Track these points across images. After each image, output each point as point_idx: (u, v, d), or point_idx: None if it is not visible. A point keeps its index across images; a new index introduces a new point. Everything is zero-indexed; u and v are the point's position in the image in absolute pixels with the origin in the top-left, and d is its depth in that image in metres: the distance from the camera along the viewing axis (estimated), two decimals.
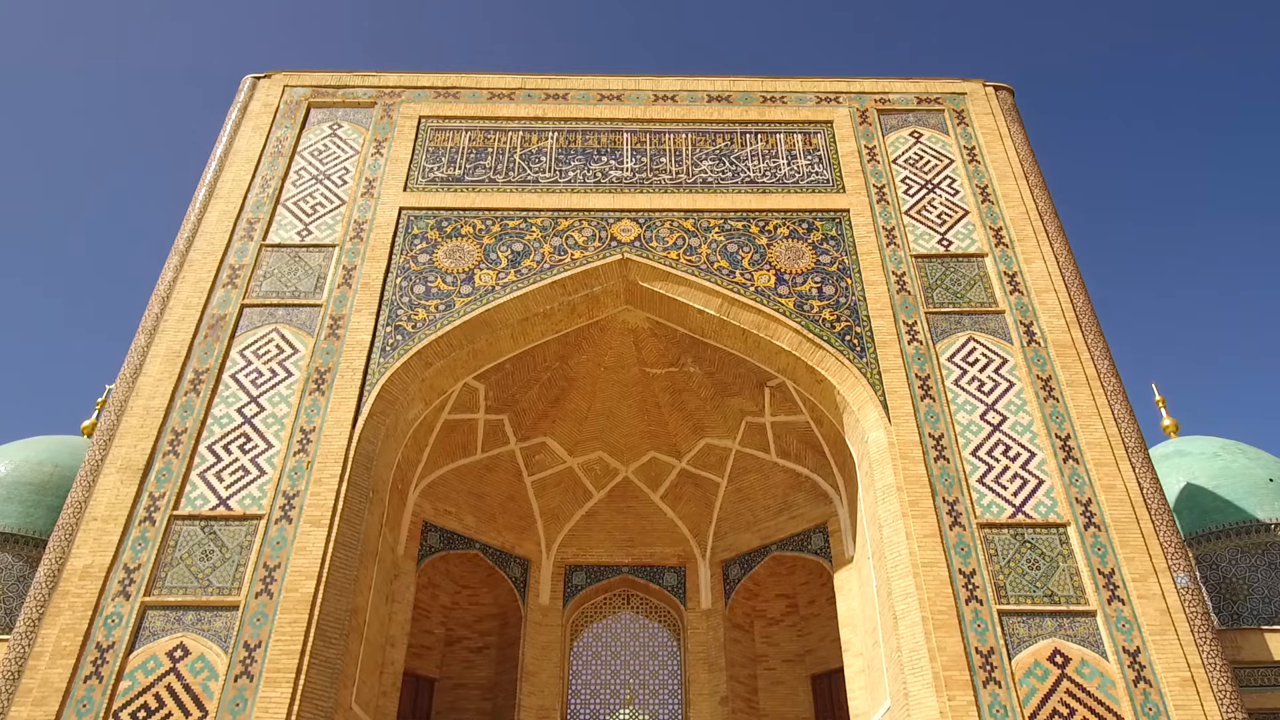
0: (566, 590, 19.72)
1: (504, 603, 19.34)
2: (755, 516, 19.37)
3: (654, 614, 20.04)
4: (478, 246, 17.89)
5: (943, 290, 17.42)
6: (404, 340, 16.59)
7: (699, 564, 19.95)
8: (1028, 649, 13.40)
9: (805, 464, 18.59)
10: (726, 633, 18.85)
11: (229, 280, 17.37)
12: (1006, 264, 17.72)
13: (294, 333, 16.70)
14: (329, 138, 19.89)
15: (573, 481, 20.26)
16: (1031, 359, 16.39)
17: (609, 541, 20.21)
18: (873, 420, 15.79)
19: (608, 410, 19.91)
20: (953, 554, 14.21)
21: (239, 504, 14.59)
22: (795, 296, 17.24)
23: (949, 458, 15.26)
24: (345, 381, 15.94)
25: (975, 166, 19.42)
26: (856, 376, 16.21)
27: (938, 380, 16.16)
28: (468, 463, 18.92)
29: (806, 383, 17.12)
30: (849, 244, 18.04)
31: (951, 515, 14.62)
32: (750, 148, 19.70)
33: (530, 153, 19.54)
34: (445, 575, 19.09)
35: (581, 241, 17.96)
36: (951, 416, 15.74)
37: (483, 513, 19.12)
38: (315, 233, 18.19)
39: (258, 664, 13.02)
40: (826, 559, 17.93)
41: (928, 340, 16.64)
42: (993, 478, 15.06)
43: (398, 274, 17.50)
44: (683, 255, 17.79)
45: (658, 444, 20.22)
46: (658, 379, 19.49)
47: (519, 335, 17.59)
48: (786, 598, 19.53)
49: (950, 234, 18.30)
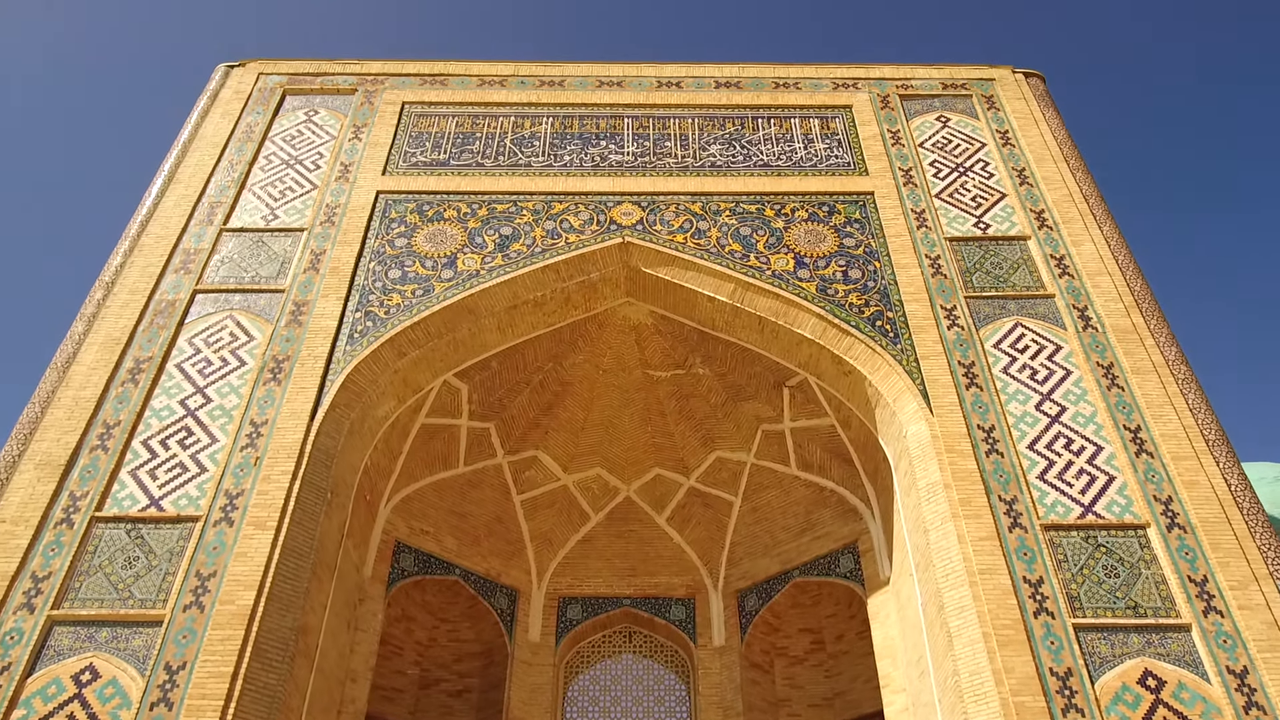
0: (560, 625, 17.32)
1: (488, 639, 16.94)
2: (774, 539, 17.09)
3: (660, 654, 17.60)
4: (461, 230, 16.08)
5: (983, 274, 15.51)
6: (375, 327, 14.64)
7: (710, 595, 17.58)
8: (1112, 670, 11.09)
9: (830, 476, 16.42)
10: (743, 673, 16.40)
11: (182, 266, 15.52)
12: (1052, 247, 15.85)
13: (251, 320, 14.77)
14: (304, 124, 18.28)
15: (567, 502, 18.05)
16: (1089, 345, 14.39)
17: (608, 570, 17.89)
18: (911, 412, 13.72)
19: (607, 420, 17.82)
20: (1014, 560, 12.00)
21: (173, 504, 12.46)
22: (817, 281, 15.33)
23: (1002, 451, 13.14)
24: (305, 370, 13.94)
25: (1010, 150, 17.71)
26: (890, 364, 14.19)
27: (984, 368, 14.14)
28: (449, 476, 16.76)
29: (832, 377, 15.08)
30: (875, 227, 16.22)
31: (1010, 516, 12.45)
32: (763, 132, 18.05)
33: (522, 137, 17.89)
34: (421, 606, 16.74)
35: (578, 225, 16.15)
36: (1002, 407, 13.67)
37: (465, 534, 16.87)
38: (282, 217, 16.41)
39: (179, 689, 10.74)
40: (858, 583, 15.60)
41: (970, 326, 14.67)
42: (1055, 474, 12.93)
43: (371, 258, 15.65)
44: (690, 239, 15.94)
45: (663, 459, 18.07)
46: (662, 383, 17.46)
47: (506, 327, 15.64)
48: (811, 633, 17.10)
49: (987, 217, 16.48)
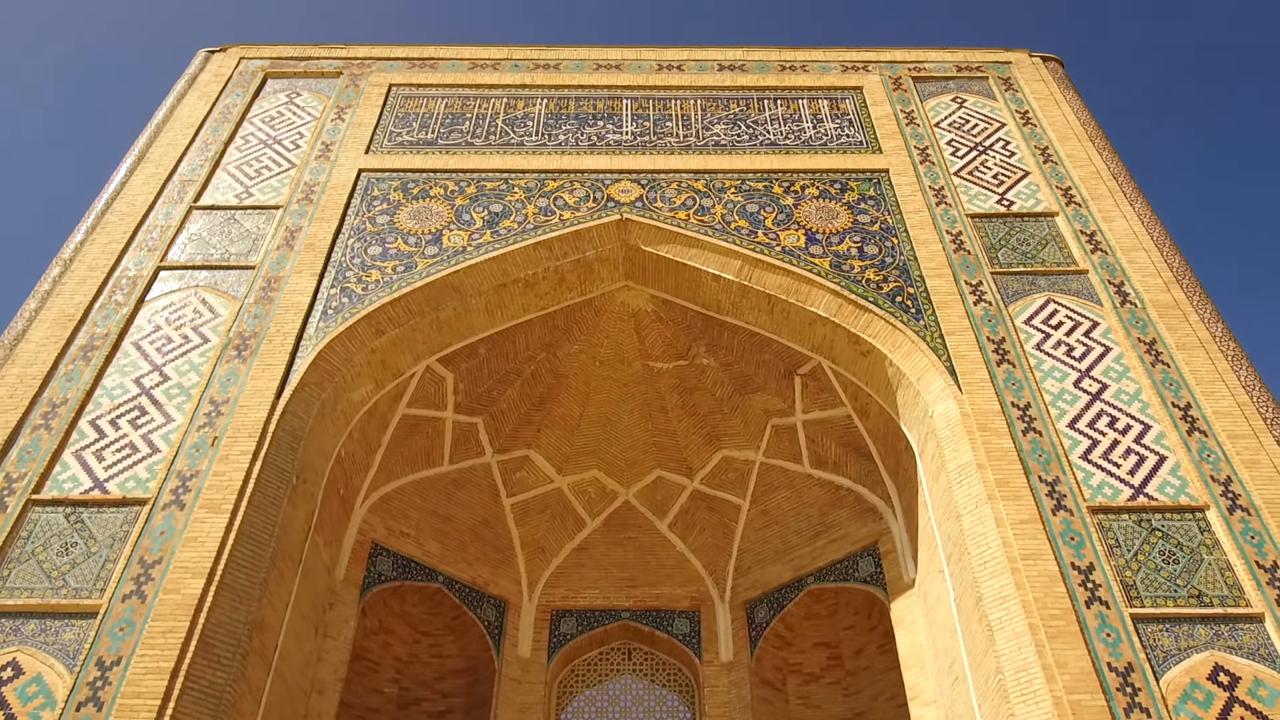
0: (552, 641, 15.86)
1: (473, 654, 15.47)
2: (786, 543, 15.73)
3: (661, 673, 16.10)
4: (448, 207, 15.02)
5: (1009, 250, 14.41)
6: (352, 303, 13.49)
7: (716, 607, 16.15)
8: (1179, 665, 9.72)
9: (847, 473, 15.12)
10: (754, 690, 14.91)
11: (146, 243, 14.43)
12: (1082, 223, 14.77)
13: (217, 297, 13.64)
14: (285, 105, 17.33)
15: (562, 506, 16.71)
16: (1128, 321, 13.23)
17: (605, 580, 16.47)
18: (937, 391, 12.50)
19: (604, 417, 16.57)
20: (1060, 544, 10.69)
21: (119, 486, 11.19)
22: (831, 256, 14.22)
23: (1040, 430, 11.90)
24: (273, 347, 12.76)
25: (1031, 129, 16.73)
26: (913, 341, 13.01)
27: (1015, 344, 12.95)
28: (432, 475, 15.46)
29: (848, 359, 13.88)
30: (890, 203, 15.16)
31: (1053, 498, 11.16)
32: (769, 112, 17.09)
33: (515, 117, 16.93)
34: (400, 617, 15.32)
35: (572, 202, 15.09)
36: (1038, 384, 12.46)
37: (449, 539, 15.51)
38: (257, 195, 15.35)
39: (112, 687, 9.38)
40: (879, 587, 14.21)
41: (998, 301, 13.52)
42: (1099, 454, 11.67)
43: (350, 235, 14.56)
44: (693, 215, 14.87)
45: (664, 459, 16.77)
46: (664, 376, 16.25)
47: (495, 308, 14.48)
48: (828, 647, 15.63)
49: (1010, 194, 15.43)
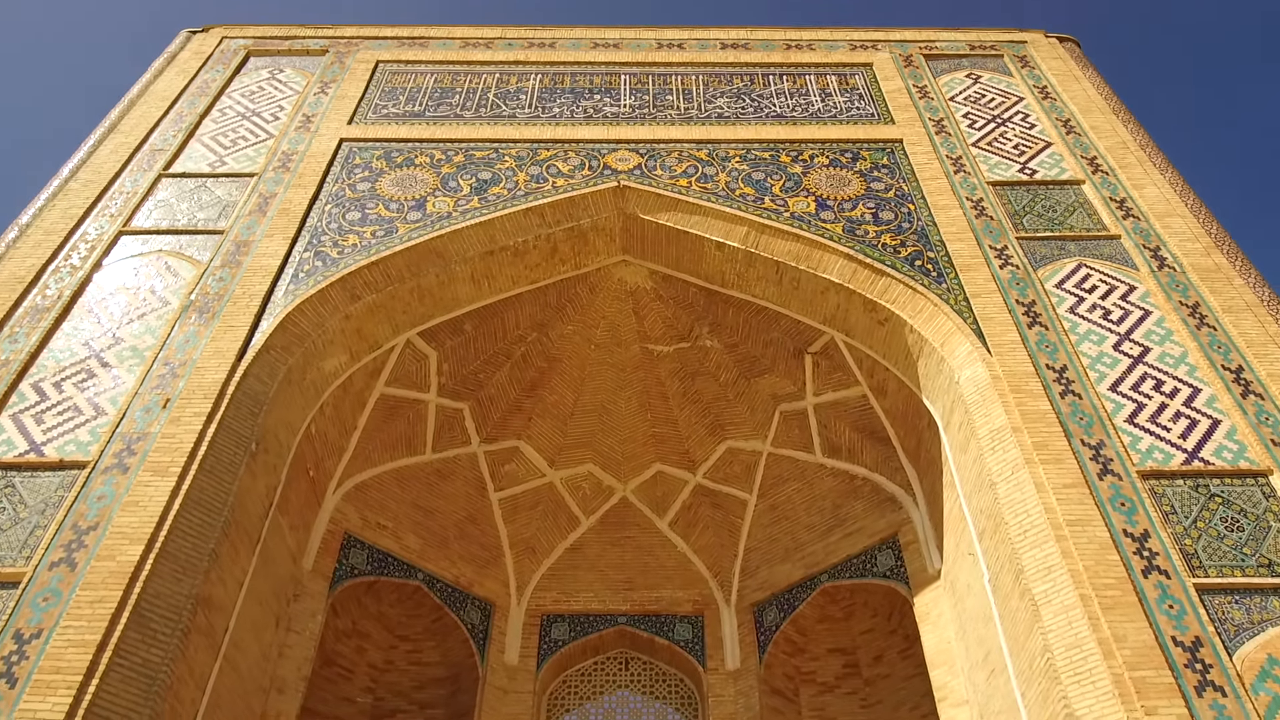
0: (543, 647, 14.53)
1: (456, 661, 14.13)
2: (796, 540, 14.48)
3: (662, 684, 14.73)
4: (434, 175, 14.09)
5: (1034, 217, 13.43)
6: (326, 267, 12.49)
7: (721, 610, 14.84)
8: (1253, 639, 8.49)
9: (862, 460, 13.94)
10: (763, 700, 13.55)
11: (109, 209, 13.48)
12: (1111, 190, 13.82)
13: (181, 261, 12.64)
14: (267, 80, 16.52)
15: (554, 503, 15.49)
16: (1167, 285, 12.19)
17: (601, 583, 15.18)
18: (964, 355, 11.41)
19: (600, 405, 15.44)
20: (1110, 510, 9.51)
21: (57, 450, 10.06)
22: (843, 222, 13.24)
23: (1079, 393, 10.79)
24: (237, 309, 11.72)
25: (1051, 103, 15.87)
26: (935, 304, 11.96)
27: (1046, 307, 11.90)
28: (413, 464, 14.29)
29: (864, 330, 12.82)
30: (906, 171, 14.23)
31: (1098, 462, 10.01)
32: (775, 87, 16.26)
33: (508, 91, 16.11)
34: (376, 619, 14.02)
35: (566, 170, 14.17)
36: (1074, 347, 11.38)
37: (431, 534, 14.28)
38: (231, 164, 14.45)
39: (29, 662, 8.17)
40: (900, 581, 12.94)
41: (1025, 265, 12.51)
42: (1146, 417, 10.54)
43: (328, 201, 13.62)
44: (694, 183, 13.93)
45: (665, 452, 15.59)
46: (664, 360, 15.16)
47: (482, 278, 13.46)
48: (843, 654, 14.29)
49: (1032, 164, 14.50)
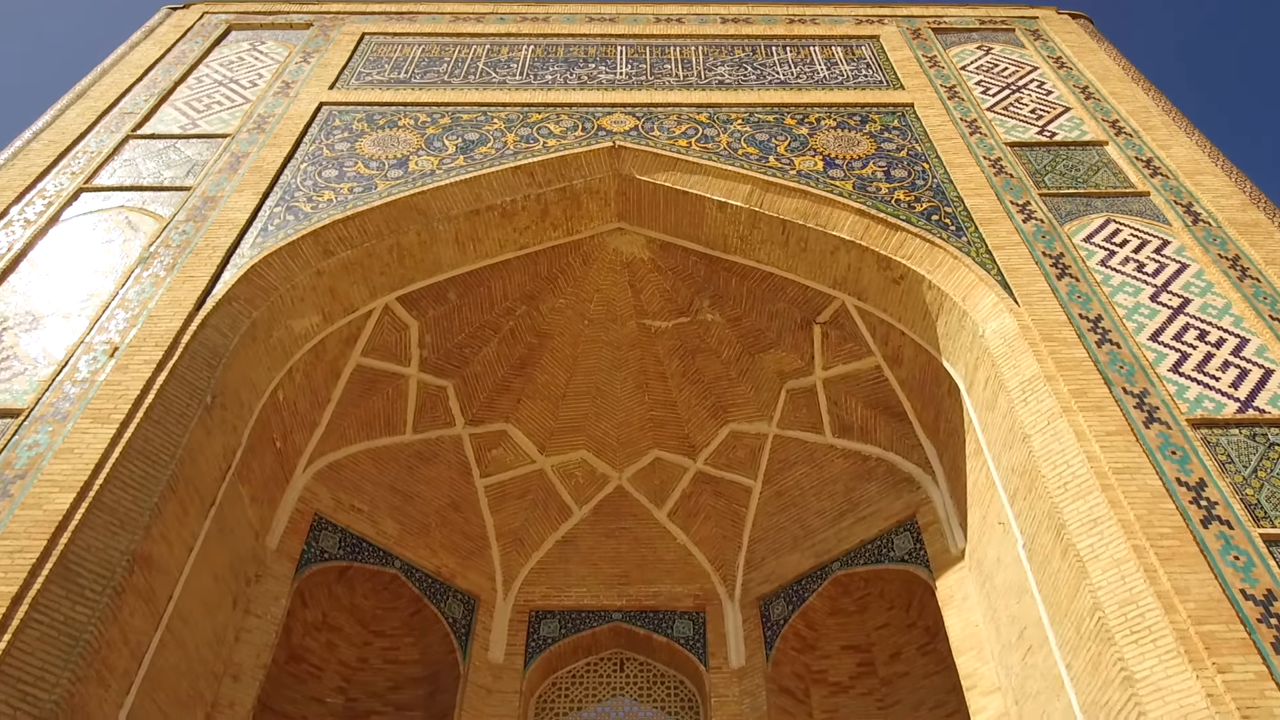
0: (531, 645, 13.38)
1: (435, 659, 12.98)
2: (805, 528, 13.41)
3: (661, 687, 13.54)
4: (418, 136, 13.29)
5: (1056, 175, 12.60)
6: (298, 221, 11.62)
7: (725, 606, 13.71)
8: None
9: (876, 439, 12.94)
10: (770, 700, 12.37)
11: (70, 167, 12.66)
12: (1136, 150, 13.01)
13: (144, 216, 11.77)
14: (248, 51, 15.81)
15: (545, 491, 14.44)
16: (1203, 239, 11.31)
17: (594, 577, 14.07)
18: (988, 307, 10.49)
19: (594, 386, 14.46)
20: (1160, 459, 8.52)
21: None
22: (854, 179, 12.40)
23: (1117, 342, 9.85)
24: (199, 260, 10.83)
25: (1067, 72, 15.13)
26: (955, 257, 11.08)
27: (1075, 260, 11.01)
28: (392, 444, 13.28)
29: (878, 291, 11.91)
30: (918, 133, 13.43)
31: (1143, 410, 9.04)
32: (778, 56, 15.55)
33: (498, 60, 15.39)
34: (348, 612, 12.90)
35: (559, 132, 13.37)
36: (1108, 299, 10.46)
37: (411, 521, 13.22)
38: (203, 126, 13.65)
39: None
40: (921, 565, 11.86)
41: (1050, 220, 11.65)
42: (1192, 366, 9.58)
43: (304, 160, 12.79)
44: (694, 143, 13.13)
45: (663, 437, 14.57)
46: (662, 337, 14.22)
47: (467, 240, 12.59)
48: (857, 651, 13.13)
49: (1051, 126, 13.70)
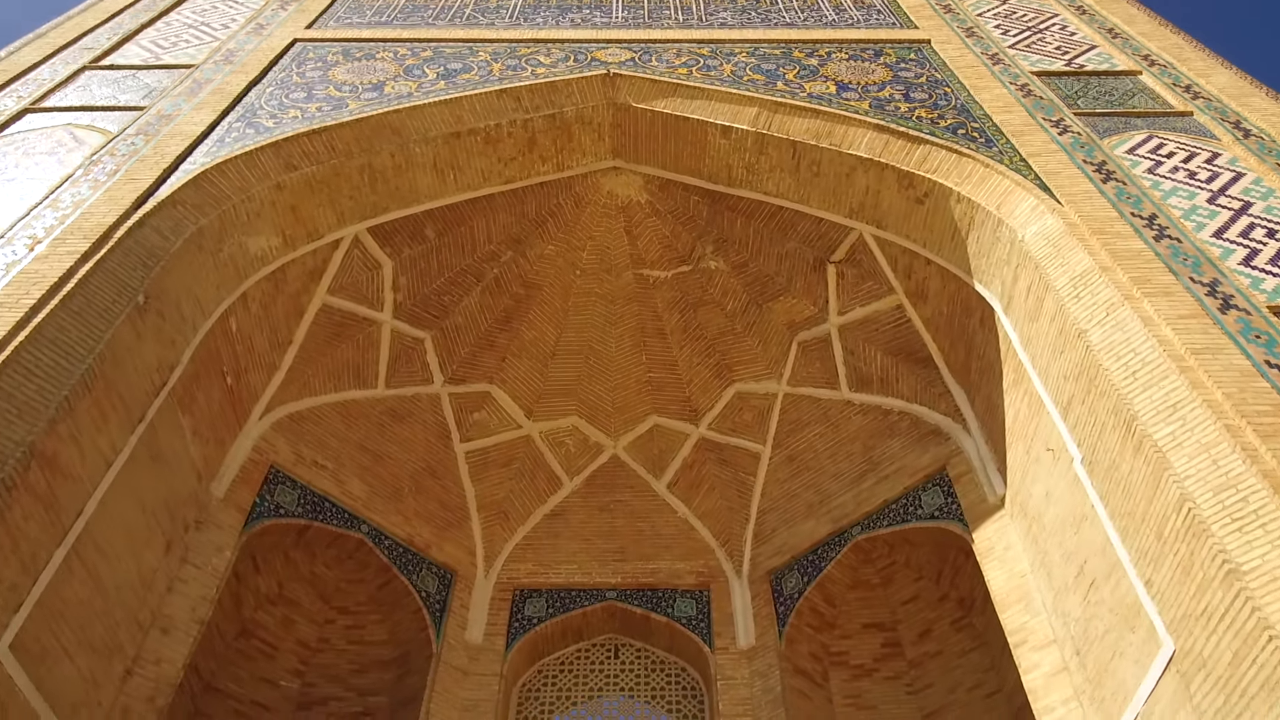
0: (514, 625, 11.91)
1: (405, 639, 11.50)
2: (821, 493, 12.05)
3: (659, 674, 12.04)
4: (396, 66, 12.31)
5: (1089, 99, 11.57)
6: (257, 134, 10.56)
7: (731, 583, 12.26)
8: None
9: (898, 391, 11.68)
10: (785, 681, 10.87)
11: (18, 91, 11.67)
12: (1173, 79, 12.02)
13: (91, 132, 10.71)
14: (223, 0, 14.99)
15: (532, 460, 13.10)
16: (1258, 151, 10.20)
17: (587, 553, 12.65)
18: (1027, 212, 9.36)
19: (586, 345, 13.23)
20: (1244, 343, 7.29)
21: None
22: (870, 100, 11.38)
23: (1177, 238, 8.69)
24: (144, 166, 9.73)
25: (1089, 17, 14.19)
26: (987, 164, 9.98)
27: (1120, 167, 9.92)
28: (362, 399, 12.01)
29: (899, 215, 10.78)
30: (937, 64, 12.45)
31: (1216, 297, 7.84)
32: (783, 4, 14.71)
33: (487, 7, 14.51)
34: (308, 584, 11.46)
35: (548, 63, 12.41)
36: (1160, 201, 9.34)
37: (381, 483, 11.87)
38: (167, 59, 12.72)
39: None
40: (954, 520, 10.48)
41: (1088, 134, 10.59)
42: (1265, 260, 8.39)
43: (270, 85, 11.79)
44: (696, 71, 12.15)
45: (663, 401, 13.30)
46: (661, 289, 13.05)
47: (446, 169, 11.50)
48: (881, 630, 11.67)
49: (1079, 60, 12.75)
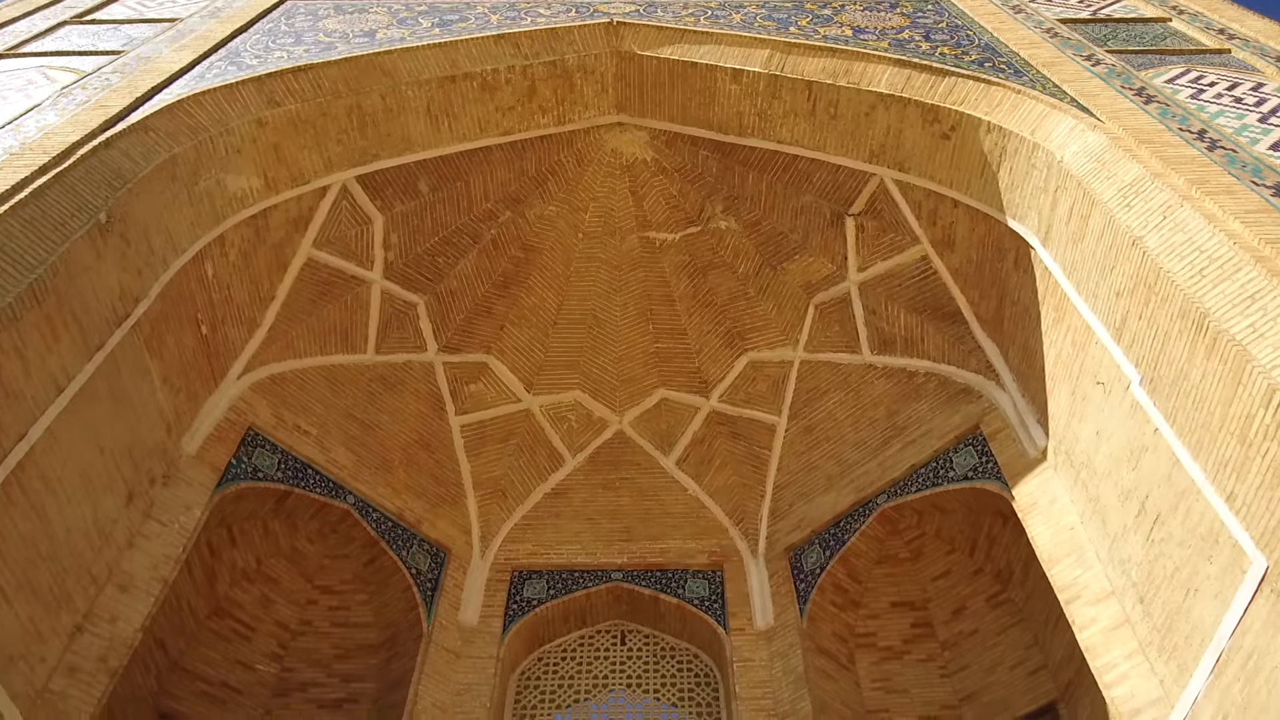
0: (512, 608, 11.00)
1: (394, 619, 10.60)
2: (842, 463, 11.21)
3: (670, 661, 11.10)
4: (388, 16, 11.77)
5: (1119, 41, 10.97)
6: (239, 71, 9.96)
7: (746, 562, 11.37)
8: None
9: (924, 351, 10.90)
10: (808, 660, 9.95)
11: None
12: (1205, 24, 11.45)
13: (64, 72, 10.12)
14: None
15: (532, 435, 12.29)
16: None
17: (590, 533, 11.79)
18: (1065, 132, 8.67)
19: (589, 313, 12.49)
20: None
21: None
22: (889, 40, 10.79)
23: (1230, 148, 8.00)
24: (117, 96, 9.11)
25: None
26: (1018, 91, 9.33)
27: (1161, 94, 9.27)
28: (350, 364, 11.24)
29: (923, 154, 10.09)
30: (955, 12, 11.90)
31: None
32: None
33: None
34: (290, 561, 10.59)
35: (548, 13, 11.86)
36: (1208, 120, 8.67)
37: (370, 454, 11.05)
38: (151, 13, 12.19)
39: None
40: (991, 479, 9.63)
41: (1123, 66, 9.96)
42: None
43: (257, 33, 11.23)
44: (704, 19, 11.59)
45: (671, 373, 12.52)
46: (669, 252, 12.34)
47: (441, 115, 10.85)
48: (911, 609, 10.75)
49: (1105, 11, 12.19)
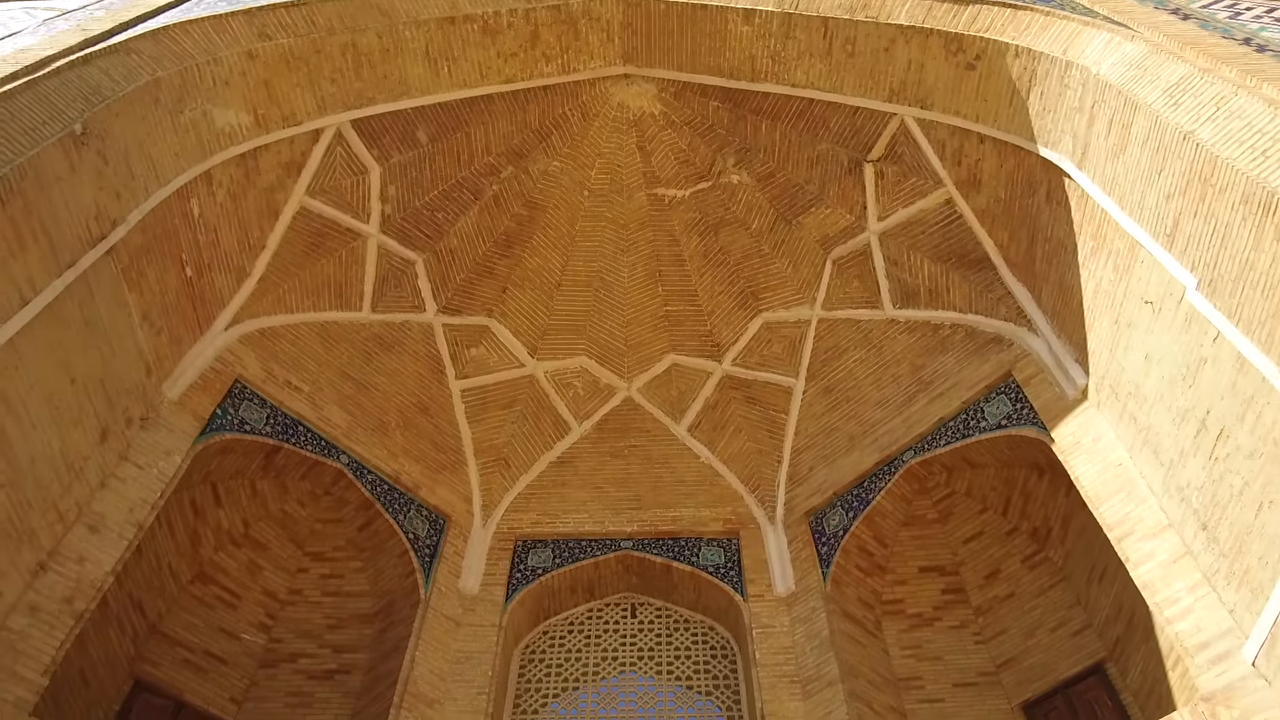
0: (515, 576, 10.37)
1: (389, 587, 9.96)
2: (864, 423, 10.61)
3: (684, 633, 10.43)
4: None
5: None
6: (230, 6, 9.53)
7: (764, 528, 10.74)
8: None
9: (950, 301, 10.34)
10: (833, 625, 9.29)
11: None
12: None
13: (47, 10, 9.73)
14: None
15: (536, 402, 11.71)
16: None
17: (598, 501, 11.17)
18: (1100, 48, 8.18)
19: (596, 275, 11.96)
20: None
21: None
22: None
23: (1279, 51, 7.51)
24: (99, 23, 8.68)
25: None
26: (1048, 12, 8.86)
27: (1196, 12, 8.80)
28: (345, 321, 10.70)
29: (947, 89, 9.60)
30: None
31: None
32: None
33: None
34: (280, 525, 9.99)
35: None
36: (1254, 33, 8.19)
37: (365, 415, 10.48)
38: None
39: None
40: (1028, 424, 9.01)
41: None
42: None
43: None
44: None
45: (681, 337, 11.96)
46: (678, 209, 11.83)
47: (440, 59, 10.39)
48: (942, 574, 10.09)
49: None
